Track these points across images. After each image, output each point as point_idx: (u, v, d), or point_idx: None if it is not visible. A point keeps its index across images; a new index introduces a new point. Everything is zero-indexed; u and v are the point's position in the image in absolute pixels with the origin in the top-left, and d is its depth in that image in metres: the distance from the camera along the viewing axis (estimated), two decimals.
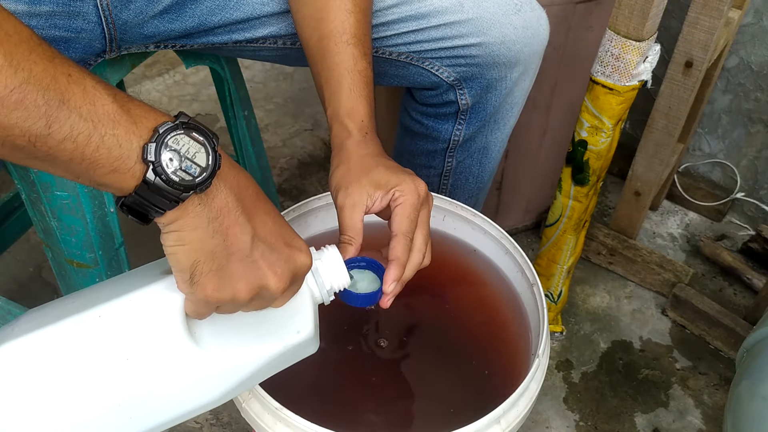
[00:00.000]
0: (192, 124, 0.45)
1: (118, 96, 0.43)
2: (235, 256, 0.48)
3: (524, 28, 0.82)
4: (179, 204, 0.44)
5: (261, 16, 0.78)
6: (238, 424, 1.10)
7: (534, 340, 0.72)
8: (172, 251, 0.47)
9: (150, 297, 0.50)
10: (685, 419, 1.14)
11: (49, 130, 0.40)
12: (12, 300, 1.00)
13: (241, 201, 0.48)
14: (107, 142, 0.42)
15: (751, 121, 1.37)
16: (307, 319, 0.56)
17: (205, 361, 0.52)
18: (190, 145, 0.44)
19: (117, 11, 0.71)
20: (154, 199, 0.44)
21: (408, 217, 0.63)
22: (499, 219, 0.96)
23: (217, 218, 0.47)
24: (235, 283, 0.48)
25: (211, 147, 0.45)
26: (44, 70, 0.40)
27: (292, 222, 0.79)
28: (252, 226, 0.48)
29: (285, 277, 0.50)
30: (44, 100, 0.40)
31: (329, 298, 0.59)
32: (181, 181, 0.44)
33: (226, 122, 1.07)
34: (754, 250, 1.35)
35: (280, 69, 1.83)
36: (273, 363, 0.56)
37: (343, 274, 0.58)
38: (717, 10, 1.02)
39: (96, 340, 0.49)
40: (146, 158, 0.43)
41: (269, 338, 0.55)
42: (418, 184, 0.64)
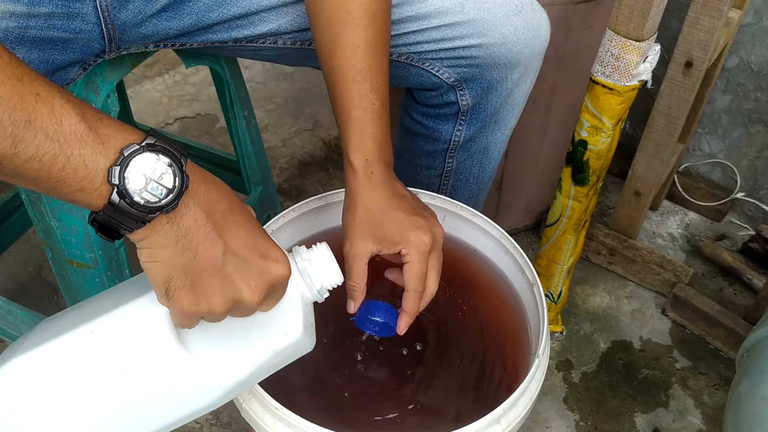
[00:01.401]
0: (158, 146, 0.45)
1: (87, 114, 0.43)
2: (207, 272, 0.48)
3: (525, 29, 0.82)
4: (147, 224, 0.45)
5: (259, 10, 0.78)
6: (238, 424, 1.10)
7: (534, 340, 0.72)
8: (147, 267, 0.48)
9: (137, 311, 0.51)
10: (685, 419, 1.14)
11: (15, 149, 0.41)
12: (12, 300, 1.01)
13: (212, 216, 0.48)
14: (73, 162, 0.42)
15: (751, 121, 1.37)
16: (295, 321, 0.56)
17: (197, 368, 0.53)
18: (156, 167, 0.45)
19: (116, 11, 0.71)
20: (121, 219, 0.44)
21: (416, 276, 0.65)
22: (499, 219, 0.96)
23: (186, 236, 0.47)
24: (210, 297, 0.49)
25: (178, 167, 0.45)
26: (11, 90, 0.40)
27: (292, 222, 0.79)
28: (223, 241, 0.49)
29: (259, 289, 0.50)
30: (10, 120, 0.40)
31: (323, 296, 0.59)
32: (146, 203, 0.44)
33: (226, 122, 1.07)
34: (754, 250, 1.35)
35: (280, 69, 1.83)
36: (266, 365, 0.56)
37: (334, 271, 0.58)
38: (717, 10, 1.02)
39: (91, 355, 0.51)
40: (111, 181, 0.43)
41: (258, 342, 0.55)
42: (423, 236, 0.65)
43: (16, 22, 0.65)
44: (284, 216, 0.78)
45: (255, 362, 0.55)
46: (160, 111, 1.71)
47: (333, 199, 0.81)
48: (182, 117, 1.70)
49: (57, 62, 0.70)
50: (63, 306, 1.26)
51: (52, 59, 0.69)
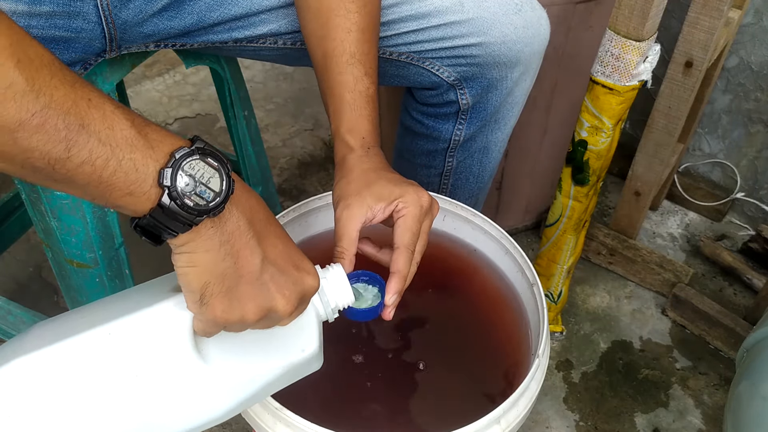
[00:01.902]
0: (207, 150, 0.46)
1: (136, 121, 0.44)
2: (245, 279, 0.49)
3: (525, 28, 0.82)
4: (192, 227, 0.45)
5: (260, 11, 0.78)
6: (238, 424, 1.10)
7: (534, 340, 0.72)
8: (184, 272, 0.47)
9: (160, 315, 0.51)
10: (685, 419, 1.14)
11: (68, 153, 0.41)
12: (12, 300, 1.01)
13: (253, 224, 0.49)
14: (124, 166, 0.43)
15: (751, 121, 1.37)
16: (312, 337, 0.57)
17: (212, 378, 0.53)
18: (204, 171, 0.45)
19: (117, 10, 0.71)
20: (168, 222, 0.45)
21: (410, 230, 0.63)
22: (499, 219, 0.96)
23: (229, 241, 0.47)
24: (244, 304, 0.49)
25: (225, 172, 0.46)
26: (65, 95, 0.41)
27: (292, 222, 0.79)
28: (262, 249, 0.49)
29: (293, 300, 0.51)
30: (65, 124, 0.41)
31: (334, 315, 0.60)
32: (195, 205, 0.45)
33: (226, 122, 1.07)
34: (754, 250, 1.35)
35: (280, 69, 1.83)
36: (278, 379, 0.56)
37: (348, 292, 0.59)
38: (717, 10, 1.02)
39: (106, 357, 0.50)
40: (162, 183, 0.44)
41: (274, 356, 0.56)
42: (421, 194, 0.65)
43: (17, 22, 0.65)
44: (284, 216, 0.78)
45: (269, 376, 0.55)
46: (160, 111, 1.71)
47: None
48: (182, 117, 1.70)
49: None
50: (63, 306, 1.26)
51: None
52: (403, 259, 0.63)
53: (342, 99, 0.69)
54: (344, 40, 0.69)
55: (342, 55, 0.69)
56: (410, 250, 0.63)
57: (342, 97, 0.69)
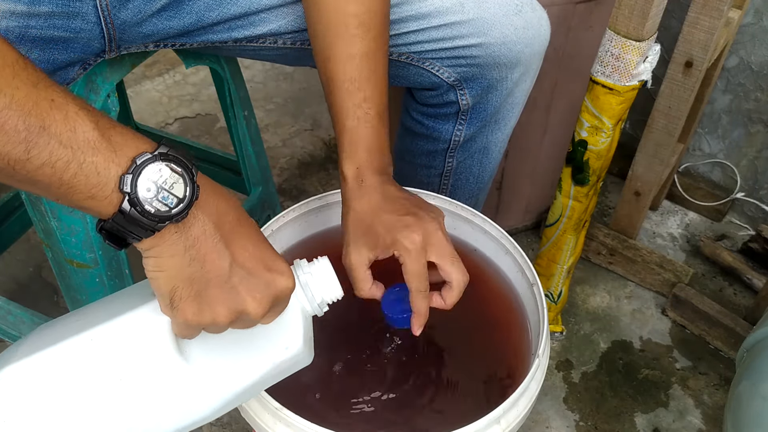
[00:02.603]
0: (170, 155, 0.45)
1: (101, 122, 0.43)
2: (213, 282, 0.48)
3: (525, 29, 0.82)
4: (155, 233, 0.45)
5: (259, 10, 0.78)
6: (238, 424, 1.10)
7: (534, 340, 0.72)
8: (152, 276, 0.48)
9: (138, 319, 0.51)
10: (685, 419, 1.14)
11: (28, 155, 0.41)
12: (12, 300, 1.01)
13: (220, 228, 0.48)
14: (85, 169, 0.42)
15: (751, 121, 1.37)
16: (296, 334, 0.56)
17: (196, 378, 0.53)
18: (167, 176, 0.45)
19: (116, 11, 0.71)
20: (131, 228, 0.44)
21: (413, 276, 0.65)
22: (499, 219, 0.96)
23: (194, 246, 0.47)
24: (214, 308, 0.49)
25: (189, 177, 0.46)
26: (27, 96, 0.40)
27: (292, 222, 0.79)
28: (230, 252, 0.49)
29: (264, 302, 0.50)
30: (25, 125, 0.40)
31: (322, 310, 0.59)
32: (157, 212, 0.44)
33: (226, 122, 1.07)
34: (754, 250, 1.35)
35: (280, 69, 1.83)
36: (264, 378, 0.56)
37: (335, 286, 0.58)
38: (717, 10, 1.02)
39: (90, 363, 0.50)
40: (122, 189, 0.43)
41: (258, 355, 0.55)
42: (412, 235, 0.64)
43: (17, 22, 0.65)
44: (284, 216, 0.78)
45: (254, 374, 0.55)
46: (160, 111, 1.71)
47: (333, 199, 0.81)
48: (182, 117, 1.70)
49: (57, 62, 0.70)
50: (63, 306, 1.26)
51: (53, 59, 0.69)
52: (417, 301, 0.65)
53: (343, 126, 0.69)
54: (346, 65, 0.69)
55: (343, 81, 0.69)
56: (420, 291, 0.65)
57: (344, 124, 0.69)
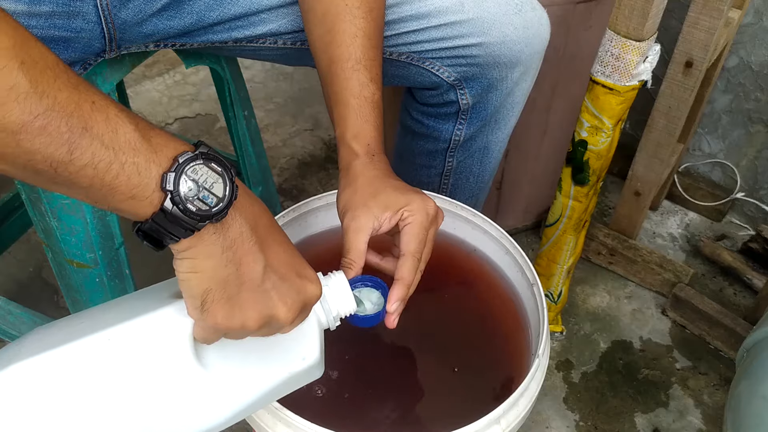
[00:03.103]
0: (211, 155, 0.46)
1: (140, 124, 0.44)
2: (246, 286, 0.48)
3: (525, 28, 0.82)
4: (195, 233, 0.45)
5: (259, 10, 0.78)
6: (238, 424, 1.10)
7: (534, 340, 0.72)
8: (185, 278, 0.47)
9: (160, 321, 0.50)
10: (685, 419, 1.14)
11: (71, 156, 0.41)
12: (12, 300, 1.01)
13: (256, 231, 0.48)
14: (127, 170, 0.42)
15: (751, 121, 1.37)
16: (313, 345, 0.57)
17: (212, 385, 0.53)
18: (208, 176, 0.45)
19: (116, 10, 0.71)
20: (170, 227, 0.44)
21: (417, 237, 0.63)
22: (499, 219, 0.96)
23: (231, 248, 0.47)
24: (245, 311, 0.49)
25: (228, 177, 0.46)
26: (69, 98, 0.40)
27: (292, 222, 0.79)
28: (265, 256, 0.49)
29: (295, 308, 0.51)
30: (68, 127, 0.40)
31: (335, 323, 0.59)
32: (198, 210, 0.44)
33: (226, 122, 1.06)
34: (754, 250, 1.35)
35: (280, 69, 1.83)
36: (279, 388, 0.56)
37: (350, 300, 0.59)
38: (717, 10, 1.02)
39: (105, 363, 0.50)
40: (165, 187, 0.43)
41: (275, 364, 0.55)
42: (428, 202, 0.65)
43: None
44: (284, 216, 0.78)
45: (269, 384, 0.55)
46: (160, 111, 1.71)
47: (333, 199, 0.81)
48: (182, 117, 1.70)
49: None
50: (63, 306, 1.26)
51: None
52: (409, 266, 0.63)
53: (347, 105, 0.68)
54: (350, 46, 0.69)
55: (348, 60, 0.69)
56: (416, 258, 0.63)
57: (347, 102, 0.69)
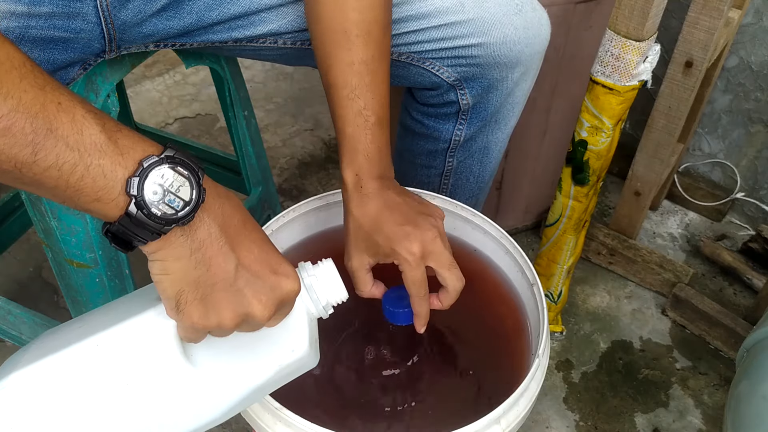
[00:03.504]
0: (177, 158, 0.45)
1: (108, 125, 0.44)
2: (218, 286, 0.48)
3: (525, 29, 0.82)
4: (162, 236, 0.45)
5: (259, 10, 0.78)
6: (238, 424, 1.10)
7: (534, 340, 0.72)
8: (158, 279, 0.48)
9: (144, 324, 0.51)
10: (685, 419, 1.14)
11: (35, 157, 0.41)
12: (12, 300, 1.01)
13: (226, 231, 0.48)
14: (92, 172, 0.42)
15: (751, 121, 1.37)
16: (301, 337, 0.56)
17: (202, 382, 0.53)
18: (174, 179, 0.45)
19: (116, 11, 0.71)
20: (137, 230, 0.44)
21: (413, 284, 0.66)
22: (499, 219, 0.96)
23: (200, 249, 0.47)
24: (220, 311, 0.49)
25: (195, 180, 0.46)
26: (34, 98, 0.40)
27: (292, 222, 0.79)
28: (236, 255, 0.49)
29: (270, 305, 0.50)
30: (32, 128, 0.40)
31: (327, 312, 0.59)
32: (164, 215, 0.44)
33: (226, 122, 1.06)
34: (754, 250, 1.35)
35: (280, 69, 1.83)
36: (271, 381, 0.56)
37: (340, 288, 0.59)
38: (717, 10, 1.02)
39: (95, 368, 0.50)
40: (129, 191, 0.44)
41: (264, 357, 0.55)
42: (410, 246, 0.65)
43: (17, 22, 0.65)
44: (284, 216, 0.78)
45: (260, 377, 0.55)
46: (160, 111, 1.71)
47: (333, 199, 0.81)
48: (182, 117, 1.70)
49: (57, 62, 0.70)
50: (63, 306, 1.26)
51: (53, 59, 0.69)
52: (417, 305, 0.68)
53: (343, 133, 0.70)
54: (345, 73, 0.69)
55: (343, 88, 0.69)
56: (419, 297, 0.67)
57: (343, 131, 0.70)
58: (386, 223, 0.67)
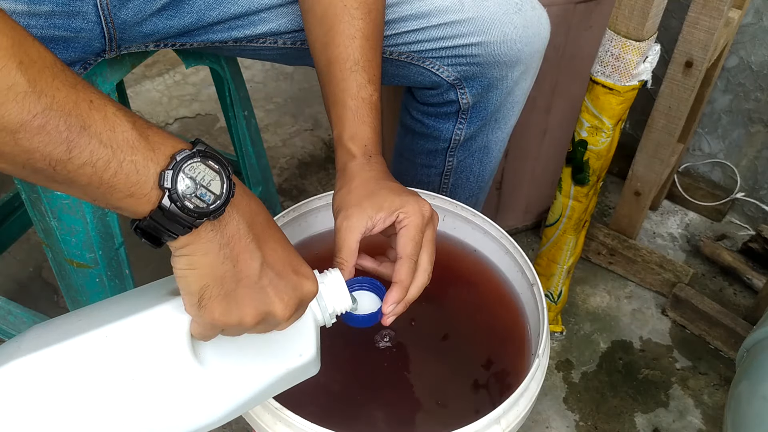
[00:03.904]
0: (208, 153, 0.46)
1: (138, 123, 0.44)
2: (243, 282, 0.49)
3: (525, 28, 0.82)
4: (192, 230, 0.46)
5: (259, 9, 0.78)
6: (238, 424, 1.10)
7: (534, 340, 0.72)
8: (182, 275, 0.48)
9: (157, 318, 0.51)
10: (685, 419, 1.14)
11: (69, 155, 0.41)
12: (12, 300, 1.01)
13: (252, 228, 0.49)
14: (125, 168, 0.43)
15: (751, 121, 1.37)
16: (309, 342, 0.57)
17: (209, 382, 0.53)
18: (205, 173, 0.45)
19: (116, 10, 0.71)
20: (168, 224, 0.45)
21: (413, 239, 0.63)
22: (499, 219, 0.96)
23: (229, 244, 0.48)
24: (242, 308, 0.49)
25: (225, 175, 0.46)
26: (67, 96, 0.41)
27: (292, 222, 0.79)
28: (262, 253, 0.49)
29: (291, 304, 0.51)
30: (66, 125, 0.41)
31: (331, 320, 0.60)
32: (196, 208, 0.45)
33: (226, 122, 1.06)
34: (754, 250, 1.35)
35: (280, 69, 1.83)
36: (275, 384, 0.56)
37: (346, 297, 0.59)
38: (717, 10, 1.02)
39: (103, 360, 0.50)
40: (163, 185, 0.44)
41: (272, 360, 0.56)
42: (423, 204, 0.65)
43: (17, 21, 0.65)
44: (284, 216, 0.78)
45: (265, 380, 0.55)
46: (160, 111, 1.71)
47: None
48: (182, 117, 1.70)
49: None
50: (63, 306, 1.26)
51: None
52: (406, 268, 0.63)
53: (345, 106, 0.69)
54: (348, 47, 0.69)
55: (346, 61, 0.69)
56: (413, 260, 0.63)
57: (345, 103, 0.69)
58: (393, 183, 0.67)
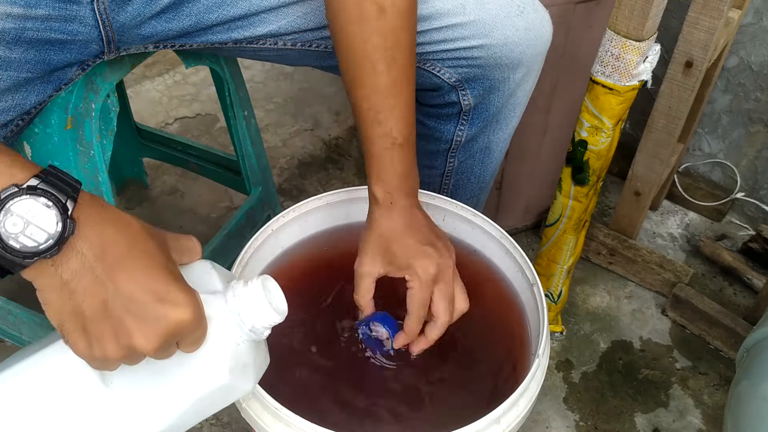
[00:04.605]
0: (40, 189, 0.44)
1: None
2: (96, 317, 0.46)
3: (527, 30, 0.82)
4: (25, 268, 0.44)
5: (259, 11, 0.78)
6: (238, 424, 1.10)
7: (534, 340, 0.72)
8: (44, 308, 0.47)
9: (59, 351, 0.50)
10: (685, 419, 1.14)
11: None
12: (12, 300, 1.01)
13: (103, 259, 0.46)
14: None
15: (751, 121, 1.37)
16: (220, 365, 0.52)
17: (120, 409, 0.51)
18: (37, 211, 0.44)
19: (114, 14, 0.71)
20: (2, 261, 0.44)
21: (417, 302, 0.68)
22: (499, 219, 0.96)
23: (73, 279, 0.46)
24: (103, 343, 0.47)
25: (60, 212, 0.44)
26: None
27: (292, 222, 0.79)
28: (115, 285, 0.46)
29: (153, 336, 0.47)
30: None
31: (261, 334, 0.54)
32: (23, 247, 0.43)
33: (226, 122, 1.07)
34: (754, 250, 1.35)
35: (280, 69, 1.83)
36: (193, 410, 0.53)
37: (268, 311, 0.53)
38: (717, 10, 1.02)
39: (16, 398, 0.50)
40: None
41: (181, 385, 0.52)
42: (428, 265, 0.68)
43: (13, 23, 0.65)
44: (284, 216, 0.78)
45: (179, 406, 0.52)
46: (160, 111, 1.71)
47: (333, 199, 0.81)
48: (182, 117, 1.70)
49: (54, 63, 0.70)
50: None
51: (50, 60, 0.69)
52: (411, 323, 0.69)
53: (371, 153, 0.70)
54: (371, 97, 0.69)
55: (368, 111, 0.69)
56: (418, 316, 0.69)
57: (371, 151, 0.70)
58: (408, 239, 0.69)
